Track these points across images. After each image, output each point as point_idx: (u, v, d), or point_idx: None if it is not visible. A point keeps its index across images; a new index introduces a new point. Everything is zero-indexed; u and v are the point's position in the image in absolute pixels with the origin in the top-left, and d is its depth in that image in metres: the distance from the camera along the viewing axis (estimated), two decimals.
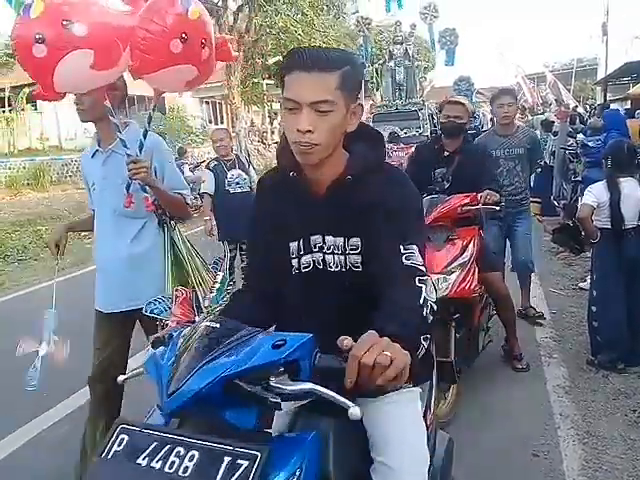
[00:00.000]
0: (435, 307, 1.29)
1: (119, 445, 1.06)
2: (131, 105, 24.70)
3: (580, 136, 8.18)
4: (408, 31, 14.92)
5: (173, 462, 1.01)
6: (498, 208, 3.25)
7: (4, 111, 22.16)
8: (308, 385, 1.14)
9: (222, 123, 28.23)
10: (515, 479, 2.64)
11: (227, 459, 1.00)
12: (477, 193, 3.30)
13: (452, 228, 3.27)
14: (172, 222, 2.63)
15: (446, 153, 3.57)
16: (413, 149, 4.49)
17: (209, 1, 17.53)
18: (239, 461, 0.99)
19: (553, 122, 10.68)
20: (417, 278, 1.29)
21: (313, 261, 1.47)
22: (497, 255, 4.28)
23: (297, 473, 1.09)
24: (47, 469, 2.87)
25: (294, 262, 1.48)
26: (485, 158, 3.69)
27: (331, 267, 1.45)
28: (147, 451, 1.04)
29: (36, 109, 23.72)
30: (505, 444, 2.88)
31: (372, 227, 1.38)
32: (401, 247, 1.32)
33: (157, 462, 1.02)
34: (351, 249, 1.43)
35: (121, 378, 1.45)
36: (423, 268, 1.33)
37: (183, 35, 2.15)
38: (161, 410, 1.10)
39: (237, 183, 5.21)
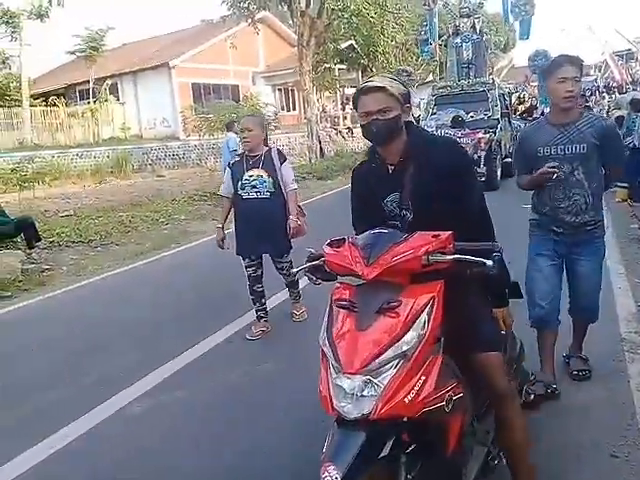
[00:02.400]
0: None
1: None
2: (207, 94, 25.40)
3: None
4: (477, 2, 13.68)
5: None
6: (491, 262, 1.79)
7: (89, 102, 23.31)
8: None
9: (294, 110, 28.45)
10: None
11: None
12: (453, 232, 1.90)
13: (397, 286, 1.85)
14: None
15: (390, 169, 2.23)
16: (482, 135, 3.58)
17: None
18: None
19: None
20: None
21: None
22: (550, 305, 3.21)
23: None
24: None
25: None
26: (456, 154, 2.22)
27: None
28: None
29: (118, 100, 24.83)
30: (583, 444, 2.74)
31: None
32: None
33: None
34: None
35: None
36: None
37: None
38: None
39: (253, 187, 4.25)
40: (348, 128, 24.96)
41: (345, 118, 26.64)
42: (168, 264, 7.26)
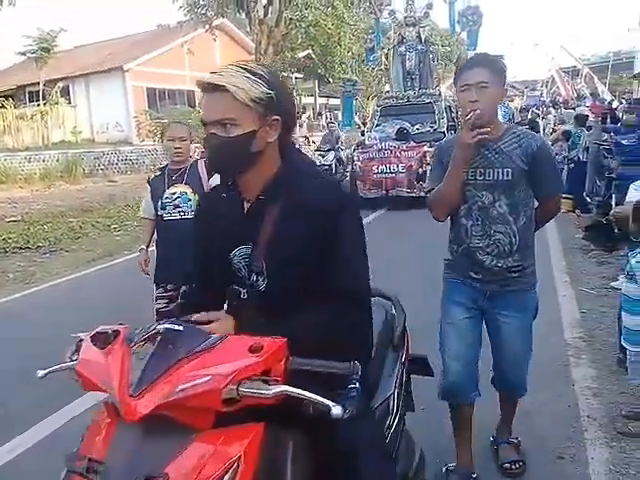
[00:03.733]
0: None
1: None
2: (162, 99, 25.05)
3: (609, 135, 7.94)
4: (422, 11, 13.18)
5: None
6: (338, 410, 1.10)
7: (39, 104, 22.64)
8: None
9: None
10: None
11: None
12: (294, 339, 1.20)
13: (185, 432, 1.11)
14: None
15: (246, 206, 1.53)
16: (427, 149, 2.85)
17: None
18: None
19: (587, 116, 10.44)
20: None
21: None
22: (465, 369, 2.49)
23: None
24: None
25: None
26: (336, 199, 1.48)
27: None
28: None
29: (70, 102, 24.21)
30: (530, 447, 2.82)
31: None
32: None
33: None
34: None
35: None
36: None
37: None
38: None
39: (176, 206, 3.59)
40: (305, 137, 25.06)
41: (301, 126, 26.74)
42: (120, 271, 7.08)
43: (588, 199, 8.28)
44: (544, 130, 16.72)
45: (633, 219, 3.03)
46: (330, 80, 26.41)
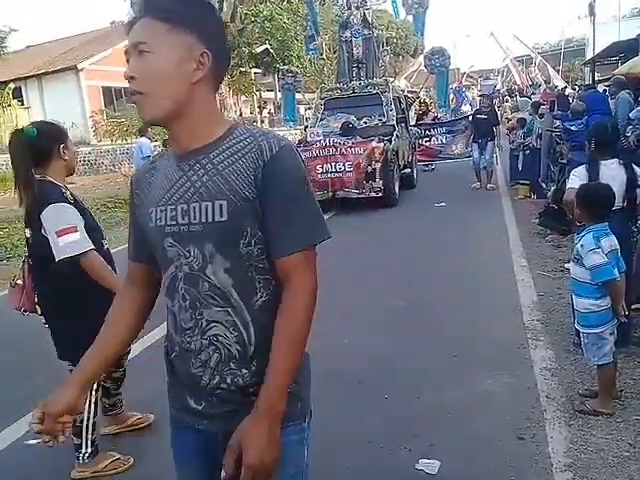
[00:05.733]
0: None
1: None
2: (118, 98, 24.55)
3: (559, 123, 8.13)
4: None
5: None
6: None
7: None
8: None
9: None
10: (500, 463, 2.63)
11: None
12: None
13: None
14: None
15: None
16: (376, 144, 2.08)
17: None
18: None
19: (542, 104, 10.69)
20: None
21: None
22: None
23: None
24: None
25: None
26: None
27: None
28: None
29: (23, 104, 23.52)
30: (491, 428, 2.89)
31: None
32: None
33: None
34: None
35: None
36: None
37: None
38: None
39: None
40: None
41: (262, 122, 26.63)
42: None
43: (543, 185, 8.48)
44: (500, 118, 17.03)
45: (577, 205, 3.16)
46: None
